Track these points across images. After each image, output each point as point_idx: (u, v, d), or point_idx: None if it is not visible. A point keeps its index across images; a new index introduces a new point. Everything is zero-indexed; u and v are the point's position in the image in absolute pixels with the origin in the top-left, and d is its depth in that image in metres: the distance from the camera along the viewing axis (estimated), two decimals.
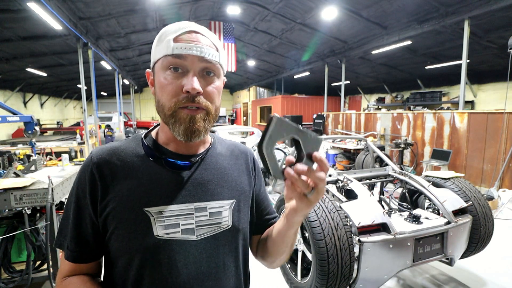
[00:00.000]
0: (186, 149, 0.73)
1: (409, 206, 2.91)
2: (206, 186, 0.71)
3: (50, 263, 2.18)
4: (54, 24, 6.17)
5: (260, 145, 0.50)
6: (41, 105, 15.65)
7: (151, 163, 0.69)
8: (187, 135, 0.65)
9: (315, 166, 0.53)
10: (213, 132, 6.50)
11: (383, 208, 2.46)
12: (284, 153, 5.53)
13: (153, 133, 0.76)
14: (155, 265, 0.65)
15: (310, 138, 0.53)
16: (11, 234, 2.22)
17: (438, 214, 2.50)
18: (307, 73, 14.03)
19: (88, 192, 0.66)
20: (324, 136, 5.47)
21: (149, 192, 0.66)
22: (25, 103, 13.80)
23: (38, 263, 2.38)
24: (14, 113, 3.36)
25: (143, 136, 0.75)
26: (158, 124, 0.77)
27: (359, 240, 2.03)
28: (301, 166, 0.51)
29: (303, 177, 0.52)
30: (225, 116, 17.08)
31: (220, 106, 0.72)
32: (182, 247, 0.66)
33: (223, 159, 0.78)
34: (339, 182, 2.81)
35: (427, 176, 2.98)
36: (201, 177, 0.72)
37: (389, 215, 2.44)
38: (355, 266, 2.08)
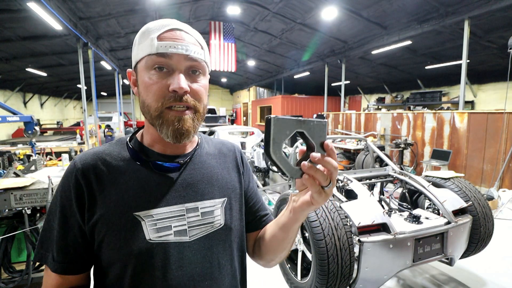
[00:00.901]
0: (173, 150, 0.71)
1: (409, 206, 2.91)
2: (196, 186, 0.70)
3: None
4: (54, 24, 6.18)
5: (267, 152, 0.48)
6: (41, 105, 15.66)
7: (137, 166, 0.68)
8: (176, 137, 0.63)
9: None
10: (213, 132, 6.50)
11: (383, 208, 2.46)
12: (285, 153, 5.52)
13: (138, 135, 0.74)
14: (150, 270, 0.63)
15: (314, 126, 0.51)
16: (11, 234, 2.22)
17: (438, 214, 2.50)
18: (307, 73, 14.03)
19: (74, 200, 0.63)
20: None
21: (138, 196, 0.65)
22: (25, 103, 13.81)
23: (38, 263, 2.38)
24: (14, 113, 3.36)
25: (128, 139, 0.73)
26: (142, 126, 0.75)
27: (359, 240, 2.03)
28: (316, 155, 0.49)
29: (320, 168, 0.51)
30: (225, 116, 17.05)
31: (208, 105, 0.71)
32: (175, 249, 0.65)
33: (211, 158, 0.78)
34: (339, 182, 2.81)
35: (427, 176, 2.98)
36: (190, 178, 0.71)
37: (389, 215, 2.44)
38: (355, 266, 2.08)
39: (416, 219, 2.33)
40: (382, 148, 7.36)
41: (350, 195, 2.65)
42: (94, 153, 0.68)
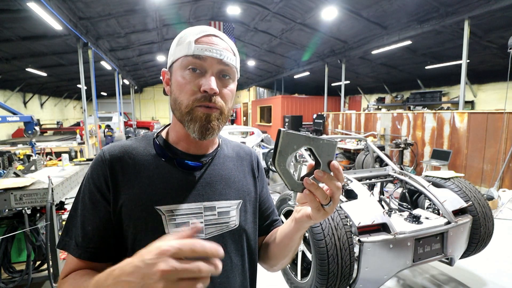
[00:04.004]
0: (196, 149, 0.74)
1: (409, 206, 2.91)
2: (214, 186, 0.73)
3: (50, 263, 2.18)
4: (54, 24, 6.18)
5: (273, 162, 0.51)
6: (41, 105, 15.65)
7: (162, 162, 0.71)
8: (201, 133, 0.66)
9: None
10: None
11: (383, 208, 2.46)
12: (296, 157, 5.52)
13: (163, 133, 0.77)
14: None
15: (323, 144, 0.52)
16: (11, 234, 2.22)
17: (438, 214, 2.51)
18: (307, 73, 14.03)
19: (102, 187, 0.66)
20: (324, 136, 5.48)
21: (161, 191, 0.67)
22: (25, 103, 13.79)
23: (38, 263, 2.37)
24: (14, 113, 3.36)
25: (155, 136, 0.77)
26: (168, 124, 0.78)
27: (359, 240, 2.03)
28: (320, 173, 0.51)
29: (321, 185, 0.53)
30: None
31: (232, 108, 0.75)
32: None
33: (229, 161, 0.81)
34: None
35: (427, 176, 2.98)
36: (210, 178, 0.74)
37: (389, 215, 2.44)
38: (355, 266, 2.08)
39: (416, 219, 2.33)
40: (382, 148, 7.36)
41: (350, 195, 2.65)
42: (122, 146, 0.72)
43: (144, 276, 0.39)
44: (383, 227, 2.15)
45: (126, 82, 15.73)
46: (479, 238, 2.49)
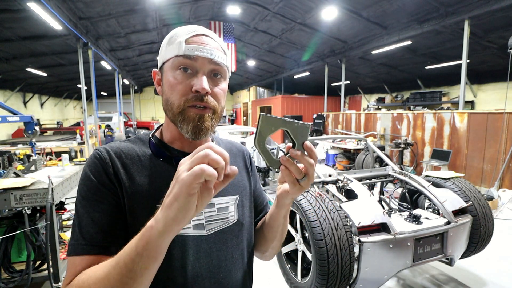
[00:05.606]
0: (191, 148, 0.74)
1: (409, 206, 2.91)
2: None
3: (50, 263, 2.18)
4: (54, 24, 6.17)
5: (254, 142, 0.57)
6: (41, 105, 15.65)
7: (159, 162, 0.71)
8: (195, 133, 0.67)
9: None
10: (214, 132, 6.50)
11: (383, 208, 2.46)
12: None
13: (157, 133, 0.78)
14: (169, 260, 0.65)
15: (297, 127, 0.57)
16: (11, 234, 2.22)
17: (438, 214, 2.50)
18: (307, 73, 14.03)
19: (106, 181, 0.64)
20: (324, 136, 5.49)
21: (161, 190, 0.66)
22: (25, 103, 13.79)
23: (38, 263, 2.38)
24: (14, 113, 3.36)
25: (150, 136, 0.77)
26: (161, 125, 0.79)
27: (359, 240, 2.03)
28: (294, 151, 0.57)
29: (300, 165, 0.57)
30: (225, 116, 17.08)
31: (224, 107, 0.75)
32: (194, 242, 0.69)
33: None
34: (339, 182, 2.81)
35: (427, 176, 2.98)
36: None
37: (389, 215, 2.44)
38: (355, 266, 2.08)
39: (416, 219, 2.33)
40: (382, 148, 7.36)
41: (350, 195, 2.65)
42: (118, 147, 0.71)
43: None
44: (383, 227, 2.15)
45: (126, 82, 15.72)
46: (479, 238, 2.49)
